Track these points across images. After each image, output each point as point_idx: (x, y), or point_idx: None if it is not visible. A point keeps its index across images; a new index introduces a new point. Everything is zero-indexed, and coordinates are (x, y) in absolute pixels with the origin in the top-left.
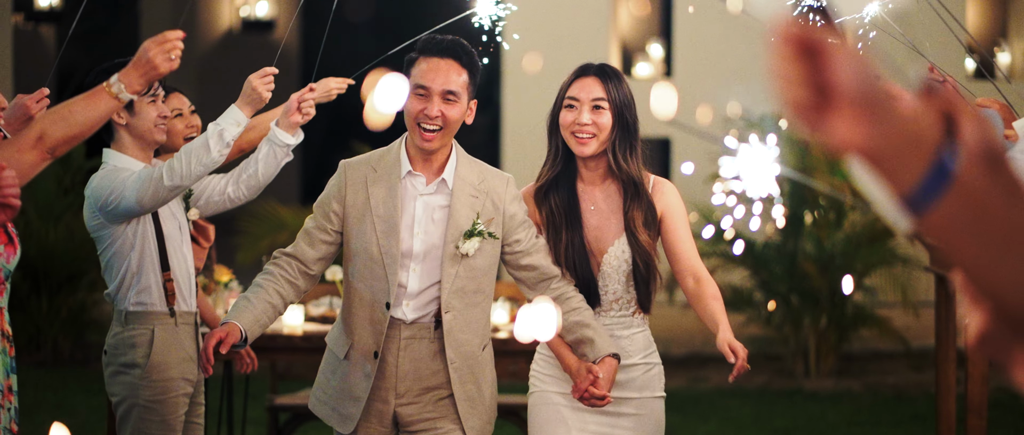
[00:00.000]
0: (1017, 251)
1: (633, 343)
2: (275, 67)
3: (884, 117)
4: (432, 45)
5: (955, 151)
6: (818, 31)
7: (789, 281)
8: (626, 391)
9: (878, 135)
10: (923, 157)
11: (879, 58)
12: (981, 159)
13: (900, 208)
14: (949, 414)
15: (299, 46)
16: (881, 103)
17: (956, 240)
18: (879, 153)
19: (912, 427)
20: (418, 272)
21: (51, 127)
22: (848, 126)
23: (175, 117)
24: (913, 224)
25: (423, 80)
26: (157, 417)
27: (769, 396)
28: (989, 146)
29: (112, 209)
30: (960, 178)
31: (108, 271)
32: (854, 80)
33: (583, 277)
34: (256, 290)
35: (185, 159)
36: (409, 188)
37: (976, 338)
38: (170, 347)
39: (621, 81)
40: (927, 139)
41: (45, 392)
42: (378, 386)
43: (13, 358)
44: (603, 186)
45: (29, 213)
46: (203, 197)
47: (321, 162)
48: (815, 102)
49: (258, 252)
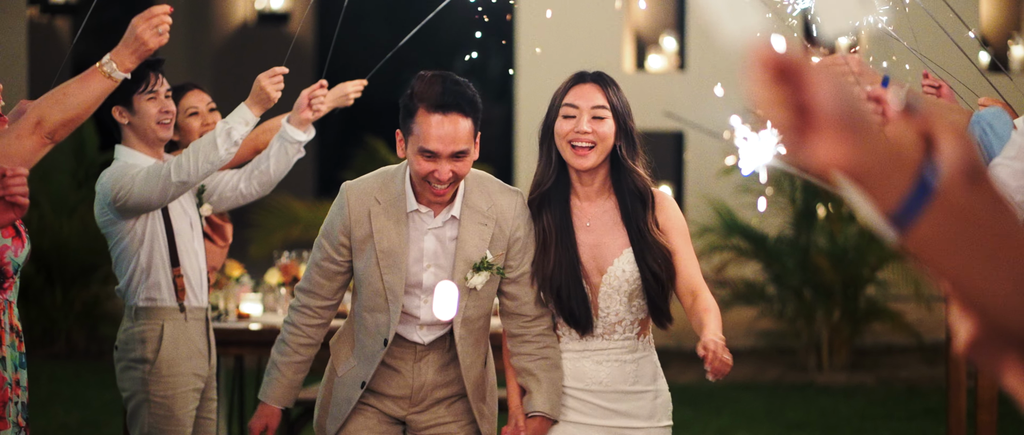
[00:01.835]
0: (1001, 263)
1: (640, 369)
2: (285, 67)
3: (865, 136)
4: (433, 97)
5: (936, 168)
6: (794, 53)
7: (802, 275)
8: (634, 420)
9: (860, 154)
10: (905, 174)
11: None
12: (963, 176)
13: (884, 224)
14: (959, 409)
15: (314, 38)
16: (861, 122)
17: (941, 254)
18: (862, 172)
19: (924, 421)
20: (430, 303)
21: (48, 111)
22: (830, 146)
23: (190, 116)
24: (898, 239)
25: (430, 146)
26: (167, 412)
27: (782, 390)
28: (970, 163)
29: (121, 205)
30: (943, 194)
31: (118, 267)
32: (833, 100)
33: (569, 301)
34: (283, 350)
35: (193, 156)
36: (417, 222)
37: (966, 346)
38: (180, 342)
39: (619, 88)
40: (908, 156)
41: (59, 385)
42: (392, 395)
43: (22, 353)
44: (599, 201)
45: (43, 207)
46: (216, 193)
47: (336, 156)
48: (796, 123)
49: (271, 246)
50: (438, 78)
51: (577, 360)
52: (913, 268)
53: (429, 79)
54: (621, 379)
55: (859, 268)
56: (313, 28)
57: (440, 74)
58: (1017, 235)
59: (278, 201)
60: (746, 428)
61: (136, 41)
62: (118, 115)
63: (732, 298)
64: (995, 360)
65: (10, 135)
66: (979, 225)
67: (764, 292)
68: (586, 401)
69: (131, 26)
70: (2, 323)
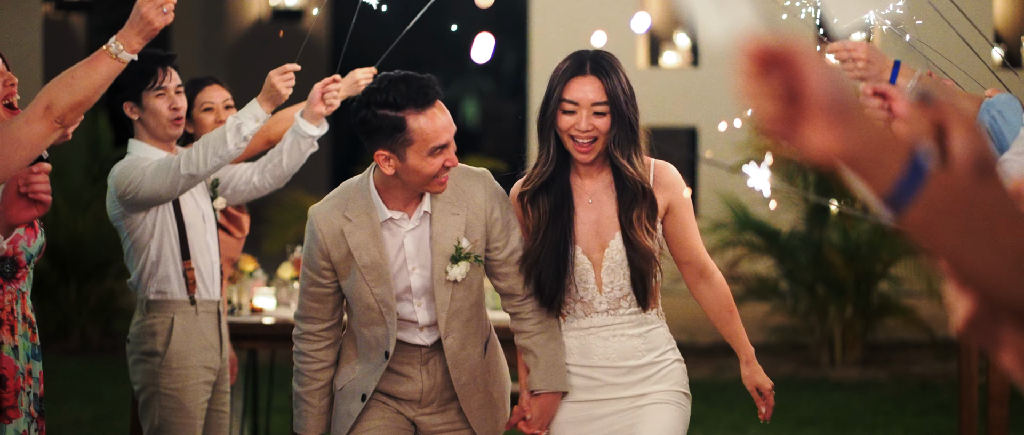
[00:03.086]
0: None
1: (649, 342)
2: (298, 64)
3: (857, 121)
4: (416, 97)
5: (929, 150)
6: (782, 42)
7: (815, 271)
8: (643, 387)
9: (852, 140)
10: (898, 158)
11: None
12: (972, 167)
13: (880, 207)
14: (971, 404)
15: (328, 34)
16: (852, 108)
17: (938, 233)
18: (855, 157)
19: (937, 417)
20: (424, 305)
21: (57, 95)
22: (822, 134)
23: (205, 111)
24: (894, 221)
25: (441, 140)
26: (177, 404)
27: (795, 385)
28: (980, 155)
29: (131, 198)
30: (949, 182)
31: (130, 260)
32: (824, 88)
33: (539, 274)
34: (303, 380)
35: (202, 150)
36: (393, 230)
37: (964, 324)
38: (190, 335)
39: (619, 73)
40: (900, 140)
41: (73, 380)
42: (402, 398)
43: (35, 344)
44: (601, 176)
45: (57, 201)
46: (230, 186)
47: (350, 151)
48: (787, 113)
49: (284, 241)
50: (401, 80)
51: (583, 337)
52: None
53: (394, 85)
54: (630, 353)
55: (872, 264)
56: (328, 24)
57: (394, 77)
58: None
59: (291, 196)
60: (759, 423)
61: (142, 21)
62: (128, 111)
63: (745, 293)
64: (991, 338)
65: (20, 120)
66: (984, 211)
67: (777, 288)
68: (594, 378)
69: (136, 7)
70: (15, 313)
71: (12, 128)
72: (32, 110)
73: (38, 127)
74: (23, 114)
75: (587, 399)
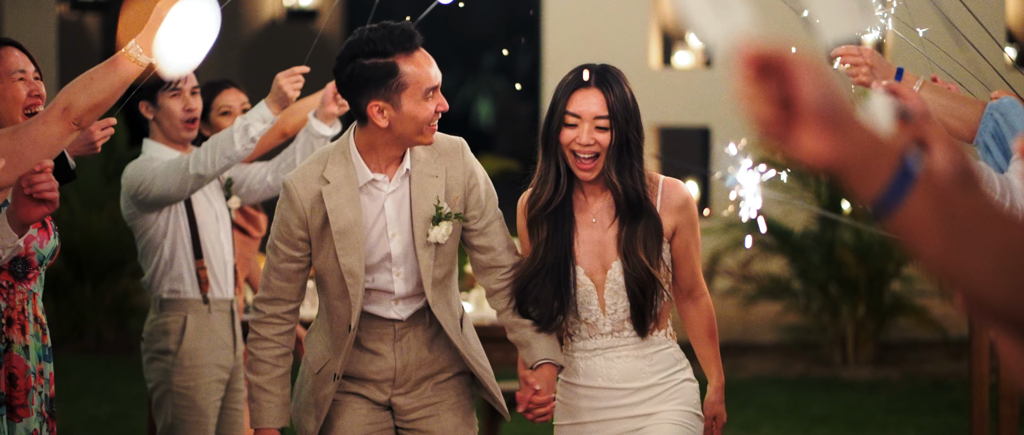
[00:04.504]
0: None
1: (656, 364)
2: (307, 65)
3: (848, 128)
4: (402, 42)
5: (917, 156)
6: (777, 48)
7: (827, 270)
8: (649, 406)
9: (843, 145)
10: (887, 163)
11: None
12: (953, 180)
13: (870, 209)
14: (982, 402)
15: (342, 35)
16: (843, 115)
17: (925, 237)
18: (845, 162)
19: (949, 416)
20: (403, 274)
21: (76, 97)
22: (814, 139)
23: (222, 114)
24: (883, 224)
25: (434, 81)
26: (189, 402)
27: (807, 384)
28: (960, 169)
29: (142, 198)
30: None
31: (143, 259)
32: (816, 95)
33: (552, 302)
34: (262, 369)
35: (210, 150)
36: (374, 193)
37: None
38: (203, 334)
39: (623, 86)
40: (890, 146)
41: (88, 379)
42: (374, 379)
43: (47, 346)
44: (606, 195)
45: (72, 201)
46: (244, 185)
47: None
48: (780, 118)
49: None
50: (381, 28)
51: (588, 359)
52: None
53: (376, 34)
54: (635, 374)
55: (884, 263)
56: (341, 24)
57: (373, 28)
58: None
59: None
60: (771, 422)
61: (160, 24)
62: (144, 110)
63: (757, 293)
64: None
65: (37, 121)
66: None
67: (789, 287)
68: (598, 399)
69: (156, 9)
70: (26, 313)
71: (30, 129)
72: (50, 111)
73: (56, 128)
74: (41, 115)
75: (591, 420)
